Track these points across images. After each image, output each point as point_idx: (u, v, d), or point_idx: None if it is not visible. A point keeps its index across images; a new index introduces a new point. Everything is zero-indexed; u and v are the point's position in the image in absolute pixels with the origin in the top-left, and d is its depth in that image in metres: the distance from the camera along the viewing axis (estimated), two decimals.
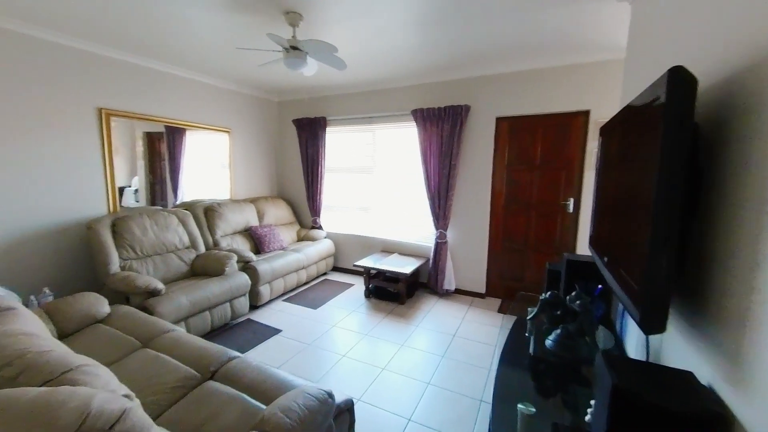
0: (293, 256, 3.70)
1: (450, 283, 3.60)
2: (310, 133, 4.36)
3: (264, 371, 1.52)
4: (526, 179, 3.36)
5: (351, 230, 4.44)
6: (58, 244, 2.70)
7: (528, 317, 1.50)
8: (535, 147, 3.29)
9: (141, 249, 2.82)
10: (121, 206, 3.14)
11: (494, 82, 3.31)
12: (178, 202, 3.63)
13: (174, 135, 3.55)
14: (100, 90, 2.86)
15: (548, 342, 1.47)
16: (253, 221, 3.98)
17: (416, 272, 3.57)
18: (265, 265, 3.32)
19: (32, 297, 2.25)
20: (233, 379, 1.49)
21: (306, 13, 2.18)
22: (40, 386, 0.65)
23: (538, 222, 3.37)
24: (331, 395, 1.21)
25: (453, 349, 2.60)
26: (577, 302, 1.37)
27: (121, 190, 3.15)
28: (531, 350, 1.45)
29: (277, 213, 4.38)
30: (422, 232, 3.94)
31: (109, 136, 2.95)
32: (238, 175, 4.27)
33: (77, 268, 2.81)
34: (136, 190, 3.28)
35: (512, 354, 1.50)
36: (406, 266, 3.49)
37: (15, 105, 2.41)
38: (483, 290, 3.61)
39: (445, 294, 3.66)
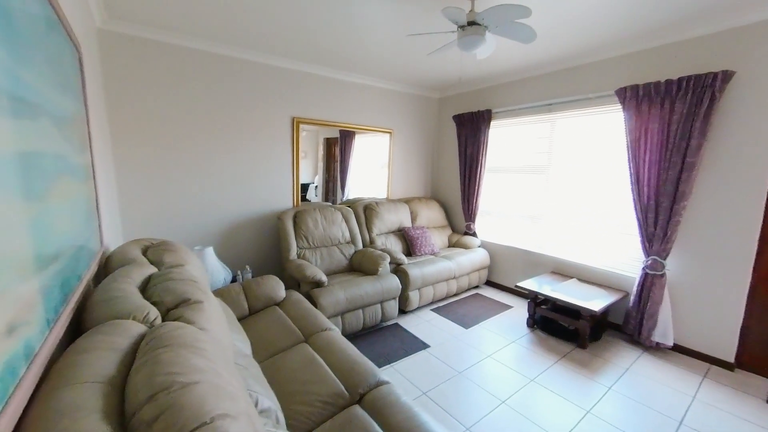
0: (444, 264, 3.41)
1: (665, 334, 2.48)
2: (470, 129, 3.96)
3: (414, 417, 1.24)
4: None
5: (511, 241, 3.79)
6: (258, 230, 3.30)
7: None
8: None
9: (312, 240, 3.13)
10: (306, 200, 3.68)
11: None
12: (344, 199, 3.96)
13: (345, 139, 3.88)
14: (293, 101, 3.33)
15: None
16: (406, 222, 3.92)
17: (606, 309, 2.63)
18: (416, 270, 3.16)
19: (239, 272, 2.79)
20: (380, 414, 1.28)
21: None
22: None
23: None
24: None
25: None
26: None
27: (306, 186, 3.66)
28: None
29: (430, 215, 4.19)
30: (619, 256, 2.91)
31: (297, 141, 3.42)
32: (395, 175, 4.32)
33: (268, 252, 3.37)
34: (317, 187, 3.78)
35: None
36: (592, 299, 2.61)
37: (235, 120, 3.01)
38: (731, 357, 2.32)
39: (655, 348, 2.56)
